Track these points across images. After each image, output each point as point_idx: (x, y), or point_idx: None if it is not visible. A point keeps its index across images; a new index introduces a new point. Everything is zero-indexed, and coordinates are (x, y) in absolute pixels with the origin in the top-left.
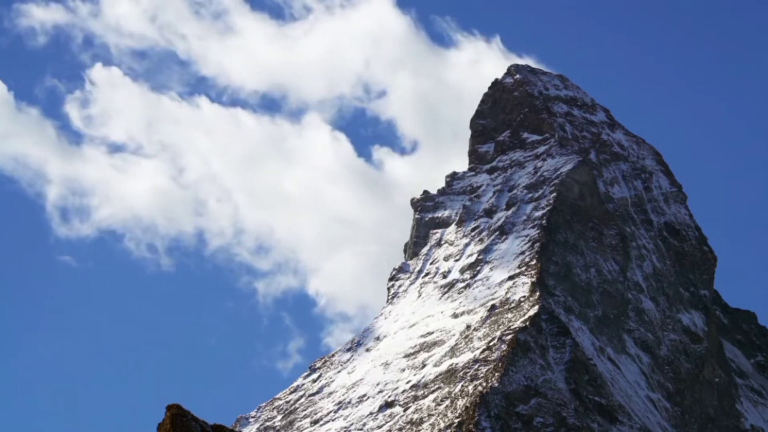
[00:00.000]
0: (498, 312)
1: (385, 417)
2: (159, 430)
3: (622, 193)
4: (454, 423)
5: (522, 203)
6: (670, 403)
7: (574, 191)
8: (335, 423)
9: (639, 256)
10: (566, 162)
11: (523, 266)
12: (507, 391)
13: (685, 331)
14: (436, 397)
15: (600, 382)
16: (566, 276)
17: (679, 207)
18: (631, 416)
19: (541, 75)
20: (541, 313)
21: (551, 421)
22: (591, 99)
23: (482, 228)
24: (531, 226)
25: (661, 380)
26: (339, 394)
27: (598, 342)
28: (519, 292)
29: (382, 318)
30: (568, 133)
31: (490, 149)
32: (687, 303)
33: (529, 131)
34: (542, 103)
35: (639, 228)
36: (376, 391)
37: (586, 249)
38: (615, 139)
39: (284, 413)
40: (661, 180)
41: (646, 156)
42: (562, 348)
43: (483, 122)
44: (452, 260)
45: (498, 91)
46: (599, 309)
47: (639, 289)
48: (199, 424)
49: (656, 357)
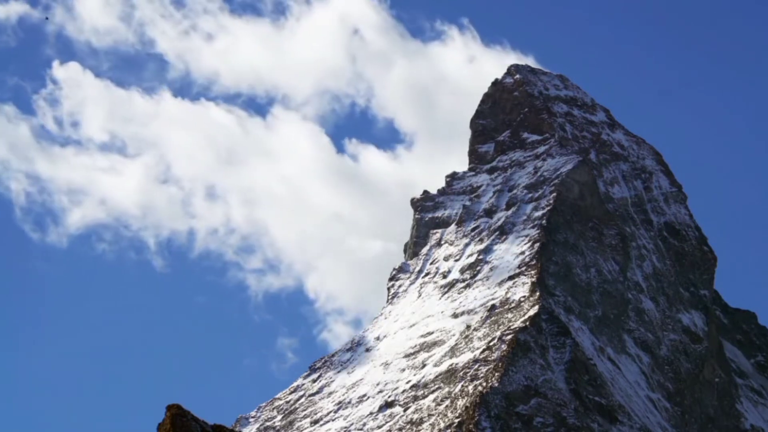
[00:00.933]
0: (498, 312)
1: (385, 417)
2: (159, 430)
3: (622, 193)
4: (454, 423)
5: (522, 203)
6: (670, 403)
7: (574, 191)
8: (335, 423)
9: (639, 256)
10: (566, 162)
11: (523, 266)
12: (507, 391)
13: (685, 331)
14: (436, 397)
15: (600, 382)
16: (566, 276)
17: (679, 207)
18: (631, 416)
19: (541, 75)
20: (541, 313)
21: (551, 421)
22: (591, 99)
23: (482, 228)
24: (531, 226)
25: (661, 380)
26: (339, 394)
27: (598, 342)
28: (519, 292)
29: (382, 318)
30: (568, 133)
31: (490, 149)
32: (687, 303)
33: (529, 131)
34: (542, 103)
35: (639, 228)
36: (376, 391)
37: (586, 249)
38: (615, 139)
39: (284, 413)
40: (661, 180)
41: (646, 156)
42: (562, 348)
43: (483, 122)
44: (452, 260)
45: (498, 91)
46: (599, 309)
47: (639, 289)
48: (199, 424)
49: (656, 357)
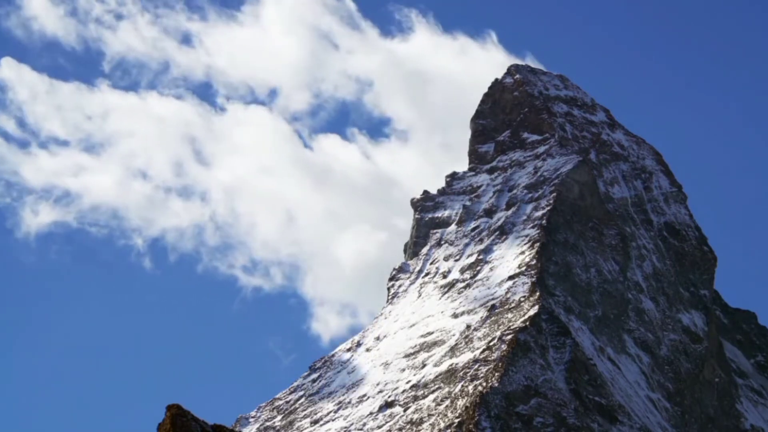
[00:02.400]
0: (498, 312)
1: (385, 417)
2: (159, 430)
3: (622, 193)
4: (454, 423)
5: (522, 203)
6: (670, 403)
7: (574, 191)
8: (335, 423)
9: (639, 256)
10: (566, 162)
11: (523, 266)
12: (507, 391)
13: (685, 331)
14: (436, 397)
15: (600, 382)
16: (566, 276)
17: (679, 207)
18: (631, 416)
19: (541, 75)
20: (541, 313)
21: (551, 421)
22: (591, 99)
23: (482, 228)
24: (531, 226)
25: (661, 380)
26: (339, 394)
27: (598, 342)
28: (519, 292)
29: (382, 318)
30: (568, 133)
31: (490, 149)
32: (687, 303)
33: (529, 131)
34: (542, 103)
35: (639, 228)
36: (376, 391)
37: (586, 249)
38: (615, 139)
39: (284, 413)
40: (661, 180)
41: (646, 156)
42: (562, 348)
43: (483, 122)
44: (452, 260)
45: (498, 91)
46: (599, 309)
47: (639, 289)
48: (199, 424)
49: (656, 357)
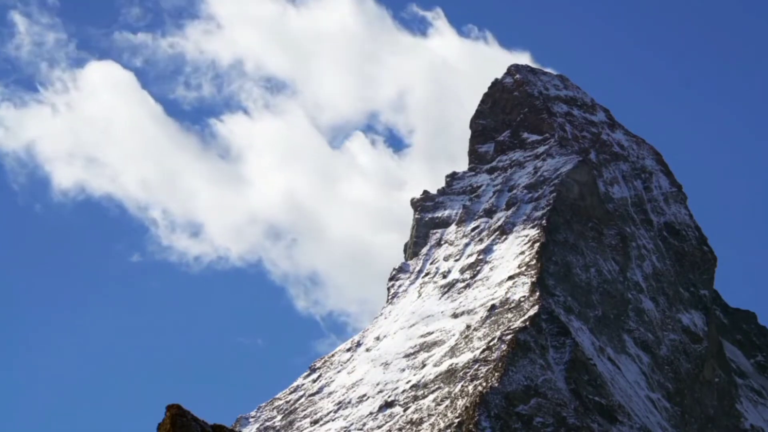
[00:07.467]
0: (498, 312)
1: (385, 417)
2: (159, 430)
3: (622, 193)
4: (454, 423)
5: (522, 203)
6: (670, 403)
7: (574, 191)
8: (335, 423)
9: (639, 256)
10: (566, 162)
11: (523, 266)
12: (507, 391)
13: (685, 331)
14: (436, 397)
15: (600, 382)
16: (566, 276)
17: (679, 207)
18: (631, 416)
19: (541, 75)
20: (541, 313)
21: (551, 421)
22: (591, 99)
23: (482, 228)
24: (531, 226)
25: (661, 380)
26: (339, 394)
27: (598, 342)
28: (519, 292)
29: (382, 318)
30: (568, 133)
31: (490, 149)
32: (687, 303)
33: (529, 131)
34: (542, 103)
35: (639, 228)
36: (376, 391)
37: (586, 249)
38: (615, 139)
39: (284, 413)
40: (661, 180)
41: (646, 156)
42: (562, 348)
43: (483, 122)
44: (452, 260)
45: (498, 91)
46: (599, 309)
47: (639, 289)
48: (199, 424)
49: (656, 357)
